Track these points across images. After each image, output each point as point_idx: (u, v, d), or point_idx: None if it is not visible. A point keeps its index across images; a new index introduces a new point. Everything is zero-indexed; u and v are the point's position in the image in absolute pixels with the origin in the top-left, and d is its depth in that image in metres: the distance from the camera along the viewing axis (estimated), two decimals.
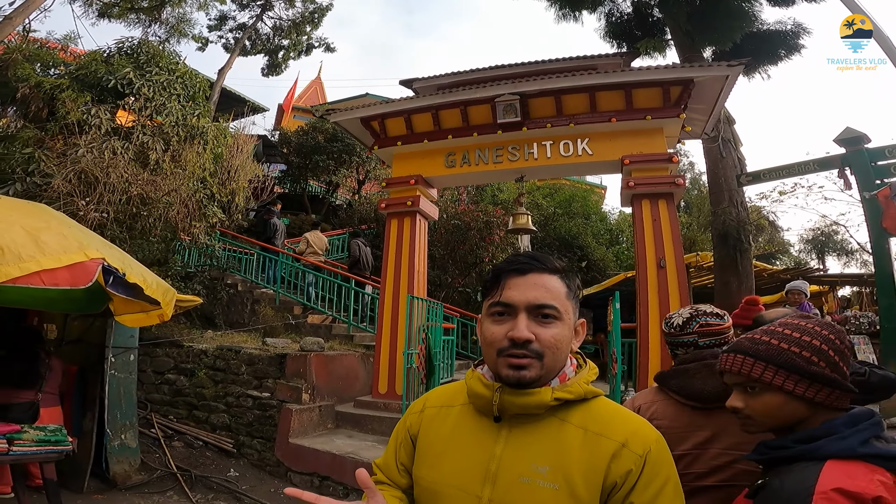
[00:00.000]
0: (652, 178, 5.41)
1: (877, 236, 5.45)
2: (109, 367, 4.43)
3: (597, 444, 0.91)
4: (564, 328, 0.95)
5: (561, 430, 0.94)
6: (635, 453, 0.90)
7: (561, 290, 0.97)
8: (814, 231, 20.36)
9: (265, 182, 11.13)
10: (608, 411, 0.97)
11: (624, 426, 0.94)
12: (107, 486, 4.32)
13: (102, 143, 5.93)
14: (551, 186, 14.42)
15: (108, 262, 3.12)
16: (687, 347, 1.68)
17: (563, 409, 0.96)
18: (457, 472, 0.96)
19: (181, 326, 6.66)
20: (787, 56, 8.42)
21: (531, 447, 0.93)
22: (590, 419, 0.95)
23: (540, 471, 0.90)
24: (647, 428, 0.95)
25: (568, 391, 0.95)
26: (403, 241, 6.24)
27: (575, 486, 0.88)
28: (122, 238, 5.82)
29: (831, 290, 10.22)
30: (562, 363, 0.97)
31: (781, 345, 1.11)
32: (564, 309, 0.96)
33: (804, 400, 1.08)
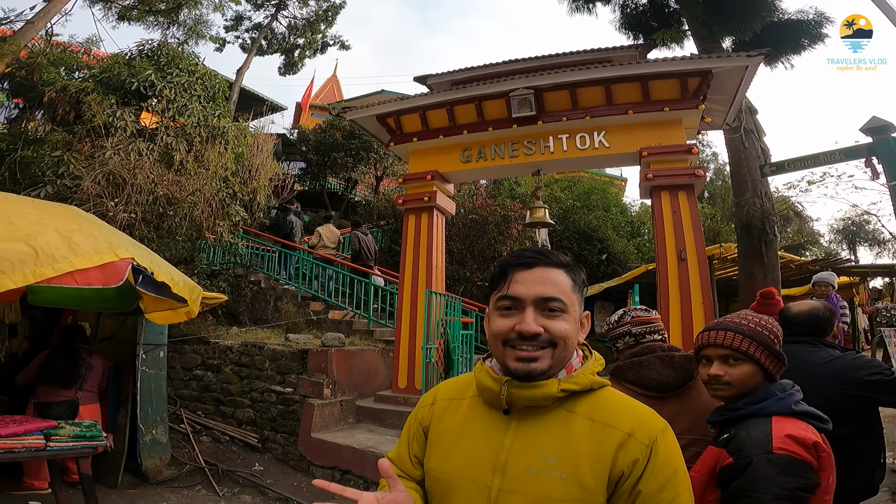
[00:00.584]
0: (671, 169, 5.34)
1: None
2: (141, 364, 4.55)
3: (603, 434, 0.92)
4: (571, 321, 0.97)
5: (568, 421, 0.95)
6: (641, 443, 0.91)
7: (566, 283, 0.98)
8: (844, 221, 19.77)
9: (285, 180, 11.29)
10: (615, 402, 0.98)
11: (630, 416, 0.94)
12: (139, 481, 4.44)
13: (128, 144, 6.09)
14: (569, 179, 14.28)
15: (137, 262, 3.23)
16: (624, 338, 1.94)
17: (571, 400, 0.97)
18: (467, 462, 0.97)
19: (207, 323, 6.82)
20: (810, 45, 8.18)
21: (539, 438, 0.95)
22: (596, 409, 0.96)
23: (548, 461, 0.92)
24: (654, 418, 0.95)
25: (574, 382, 0.96)
26: (421, 237, 6.29)
27: (582, 476, 0.90)
28: (150, 238, 5.95)
29: (862, 281, 9.93)
30: (569, 355, 0.99)
31: (756, 328, 1.48)
32: (570, 302, 0.97)
33: (764, 370, 1.46)
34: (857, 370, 1.96)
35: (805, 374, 2.05)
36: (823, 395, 1.97)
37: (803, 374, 2.05)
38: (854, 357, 2.04)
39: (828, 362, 2.02)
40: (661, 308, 5.16)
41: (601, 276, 11.16)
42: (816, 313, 2.16)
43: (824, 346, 2.11)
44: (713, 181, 18.12)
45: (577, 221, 11.96)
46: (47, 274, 2.82)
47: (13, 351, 4.84)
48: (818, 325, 2.14)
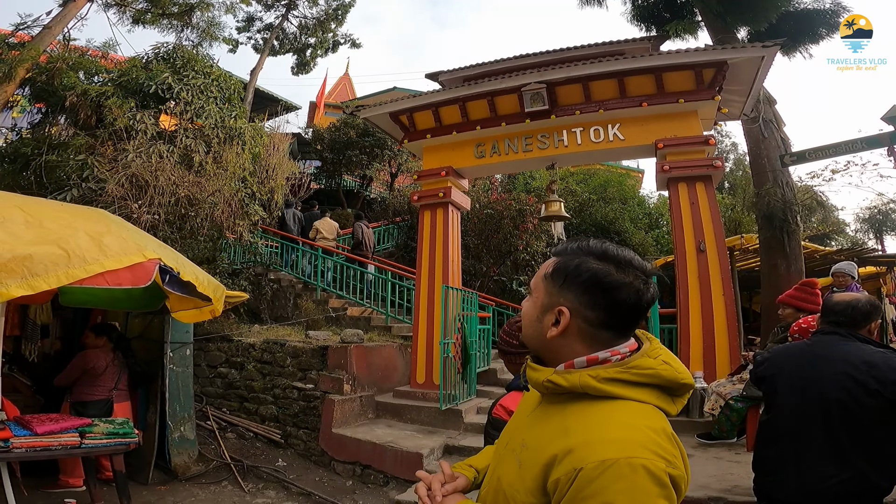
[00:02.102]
0: (688, 161, 5.29)
1: None
2: (168, 362, 4.64)
3: (555, 440, 0.85)
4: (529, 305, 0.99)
5: (551, 418, 0.92)
6: (570, 465, 0.79)
7: (542, 271, 0.98)
8: (870, 210, 19.22)
9: (301, 179, 11.42)
10: (592, 416, 0.86)
11: (587, 432, 0.83)
12: (169, 478, 4.52)
13: (149, 147, 6.21)
14: (585, 172, 14.16)
15: (164, 262, 3.33)
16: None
17: (571, 399, 0.90)
18: (513, 431, 1.05)
19: (230, 322, 6.94)
20: (828, 35, 8.01)
21: (532, 424, 0.97)
22: (578, 415, 0.87)
23: (522, 445, 0.94)
24: (610, 446, 0.79)
25: (563, 377, 0.89)
26: (437, 232, 6.33)
27: (527, 472, 0.87)
28: (173, 238, 6.08)
29: (889, 271, 9.65)
30: (532, 336, 0.97)
31: (503, 336, 1.82)
32: (535, 287, 0.99)
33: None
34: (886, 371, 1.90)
35: (830, 365, 2.03)
36: (844, 388, 1.95)
37: (828, 364, 2.03)
38: (885, 355, 1.98)
39: (853, 355, 1.98)
40: (679, 301, 5.13)
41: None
42: (855, 304, 2.13)
43: (856, 339, 2.07)
44: (733, 171, 17.77)
45: (594, 214, 11.88)
46: (79, 275, 2.92)
47: (45, 351, 5.00)
48: (853, 317, 2.11)
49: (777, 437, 2.11)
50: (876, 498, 1.96)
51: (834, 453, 1.92)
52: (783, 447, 2.06)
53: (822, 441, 1.95)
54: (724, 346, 4.93)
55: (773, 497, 2.10)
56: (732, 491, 3.07)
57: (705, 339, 4.92)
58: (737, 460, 3.70)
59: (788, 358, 2.21)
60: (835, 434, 1.93)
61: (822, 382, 2.00)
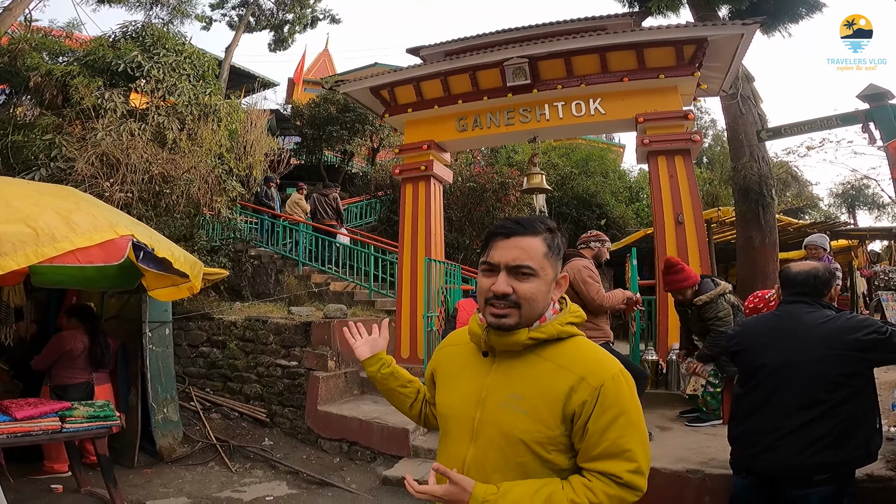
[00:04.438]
0: (667, 135, 5.33)
1: None
2: (147, 342, 4.56)
3: (560, 376, 1.08)
4: (540, 283, 1.12)
5: (537, 365, 1.12)
6: (591, 385, 1.05)
7: (540, 250, 1.12)
8: (844, 185, 19.68)
9: (281, 155, 11.24)
10: (578, 348, 1.14)
11: (586, 362, 1.10)
12: (155, 460, 4.48)
13: (119, 125, 6.07)
14: (567, 146, 14.18)
15: (137, 239, 3.25)
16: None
17: (542, 346, 1.13)
18: (460, 398, 1.18)
19: (210, 299, 6.85)
20: (808, 14, 8.09)
21: (511, 378, 1.13)
22: (560, 355, 1.12)
23: (515, 398, 1.10)
24: (607, 365, 1.09)
25: (542, 331, 1.12)
26: (419, 206, 6.31)
27: (540, 412, 1.07)
28: (148, 216, 5.96)
29: (861, 244, 9.95)
30: (539, 312, 1.13)
31: None
32: (541, 266, 1.11)
33: None
34: (852, 331, 1.98)
35: (802, 333, 2.09)
36: (820, 357, 2.01)
37: (801, 333, 2.09)
38: (849, 318, 2.07)
39: (823, 323, 2.06)
40: (658, 272, 5.22)
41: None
42: (816, 273, 2.19)
43: (821, 307, 2.14)
44: (712, 147, 17.98)
45: (576, 187, 11.96)
46: (49, 253, 2.84)
47: (21, 335, 4.88)
48: (816, 286, 2.17)
49: (753, 411, 2.15)
50: (849, 469, 2.04)
51: (809, 424, 1.97)
52: (759, 420, 2.11)
53: (797, 413, 2.00)
54: None
55: (750, 470, 2.16)
56: (709, 464, 3.15)
57: None
58: (713, 433, 3.78)
59: (759, 331, 2.24)
60: (810, 405, 1.98)
61: (795, 353, 2.05)
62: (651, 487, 1.11)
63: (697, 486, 3.06)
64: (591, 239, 4.07)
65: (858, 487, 2.53)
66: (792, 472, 2.00)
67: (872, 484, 2.63)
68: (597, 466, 1.06)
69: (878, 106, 5.35)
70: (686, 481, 3.08)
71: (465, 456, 1.13)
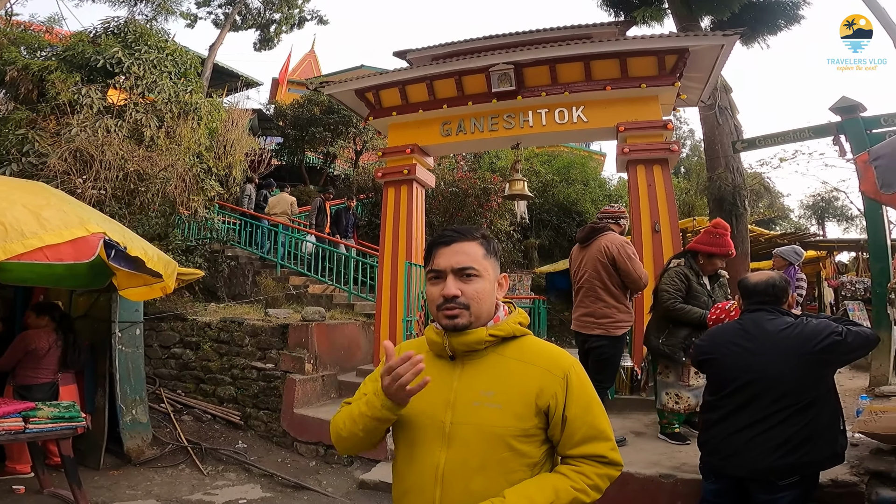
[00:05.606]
0: (647, 144, 5.43)
1: (868, 200, 5.46)
2: (117, 343, 4.46)
3: (526, 371, 1.17)
4: (485, 283, 1.19)
5: (500, 363, 1.19)
6: (557, 377, 1.16)
7: (479, 253, 1.20)
8: (814, 197, 20.31)
9: (262, 155, 11.13)
10: (535, 346, 1.23)
11: (545, 356, 1.20)
12: (122, 462, 4.40)
13: (95, 121, 5.98)
14: (549, 153, 14.34)
15: (109, 237, 3.17)
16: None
17: (501, 346, 1.21)
18: (427, 404, 1.18)
19: (184, 300, 6.74)
20: (786, 26, 8.32)
21: (478, 378, 1.18)
22: (522, 352, 1.20)
23: (486, 395, 1.15)
24: (564, 357, 1.21)
25: (500, 329, 1.20)
26: (401, 209, 6.29)
27: (514, 405, 1.13)
28: (121, 214, 5.86)
29: (829, 255, 10.28)
30: (487, 309, 1.20)
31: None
32: (483, 268, 1.19)
33: None
34: (813, 337, 2.07)
35: (766, 340, 2.17)
36: (785, 363, 2.08)
37: (765, 340, 2.17)
38: (808, 324, 2.15)
39: (784, 330, 2.14)
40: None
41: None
42: (773, 282, 2.30)
43: (780, 314, 2.24)
44: (689, 157, 18.40)
45: (557, 195, 12.09)
46: (17, 250, 2.75)
47: None
48: (775, 294, 2.28)
49: (722, 417, 2.21)
50: (815, 470, 2.12)
51: (777, 428, 2.03)
52: (727, 425, 2.16)
53: (764, 417, 2.06)
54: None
55: (720, 474, 2.22)
56: (681, 468, 3.19)
57: None
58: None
59: (726, 339, 2.32)
60: (777, 409, 2.05)
61: (760, 359, 2.12)
62: (626, 492, 1.15)
63: (670, 491, 3.10)
64: (620, 216, 3.91)
65: (823, 492, 2.60)
66: (760, 475, 2.05)
67: (837, 489, 2.70)
68: (581, 451, 1.15)
69: (849, 118, 5.53)
70: (659, 486, 3.12)
71: (437, 462, 1.13)
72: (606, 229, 3.74)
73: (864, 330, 2.11)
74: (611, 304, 3.65)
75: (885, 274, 5.09)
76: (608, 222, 3.83)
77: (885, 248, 5.31)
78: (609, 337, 3.64)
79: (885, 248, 5.31)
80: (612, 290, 3.65)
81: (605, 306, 3.65)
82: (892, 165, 1.99)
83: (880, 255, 5.33)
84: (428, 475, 1.13)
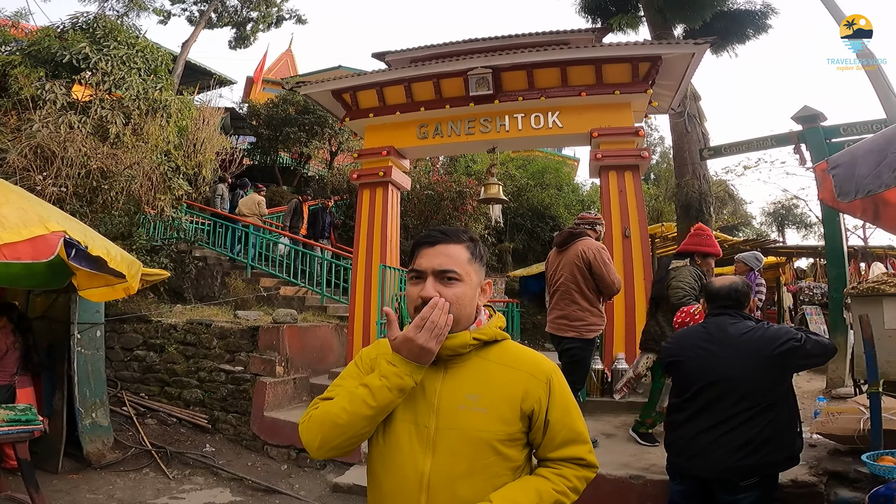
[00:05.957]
0: (619, 150, 5.54)
1: (826, 208, 5.69)
2: (76, 344, 4.35)
3: (510, 375, 1.16)
4: (466, 288, 1.16)
5: (484, 367, 1.17)
6: (541, 381, 1.16)
7: (463, 256, 1.17)
8: (775, 204, 21.06)
9: (233, 154, 10.90)
10: (517, 350, 1.23)
11: (527, 361, 1.19)
12: (82, 466, 4.30)
13: (58, 117, 5.82)
14: (524, 158, 14.51)
15: (69, 235, 3.05)
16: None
17: (483, 349, 1.19)
18: (408, 408, 1.14)
19: (149, 301, 6.56)
20: (754, 35, 8.59)
21: (463, 382, 1.15)
22: (504, 356, 1.19)
23: (472, 399, 1.13)
24: (545, 361, 1.21)
25: (482, 333, 1.18)
26: (376, 212, 6.26)
27: (499, 408, 1.12)
28: (83, 212, 5.69)
29: (788, 261, 10.67)
30: (467, 315, 1.17)
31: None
32: (465, 272, 1.16)
33: None
34: (773, 341, 2.14)
35: (729, 343, 2.23)
36: (746, 366, 2.15)
37: (727, 343, 2.24)
38: (768, 328, 2.23)
39: (746, 333, 2.21)
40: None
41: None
42: (736, 287, 2.38)
43: (742, 318, 2.31)
44: (659, 164, 18.88)
45: (531, 199, 12.23)
46: None
47: None
48: (738, 298, 2.36)
49: (686, 418, 2.25)
50: (774, 471, 2.19)
51: (738, 430, 2.09)
52: (692, 427, 2.21)
53: (727, 419, 2.11)
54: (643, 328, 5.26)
55: (685, 475, 2.27)
56: (650, 469, 3.26)
57: (627, 321, 5.22)
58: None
59: (690, 343, 2.37)
60: (738, 411, 2.10)
61: (724, 362, 2.18)
62: (598, 493, 1.17)
63: (640, 492, 3.16)
64: (596, 222, 4.02)
65: (784, 493, 2.70)
66: (723, 476, 2.11)
67: (797, 489, 2.79)
68: (562, 453, 1.17)
69: (810, 128, 5.76)
70: (630, 487, 3.17)
71: (422, 468, 1.09)
72: (584, 235, 3.85)
73: (823, 339, 2.20)
74: (585, 307, 3.74)
75: (841, 279, 5.31)
76: (585, 228, 3.93)
77: (841, 254, 5.54)
78: (582, 339, 3.74)
79: (841, 255, 5.54)
80: (587, 294, 3.75)
81: (579, 309, 3.74)
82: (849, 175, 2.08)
83: (837, 262, 5.55)
84: (411, 482, 1.09)
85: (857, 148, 2.26)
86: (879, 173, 1.88)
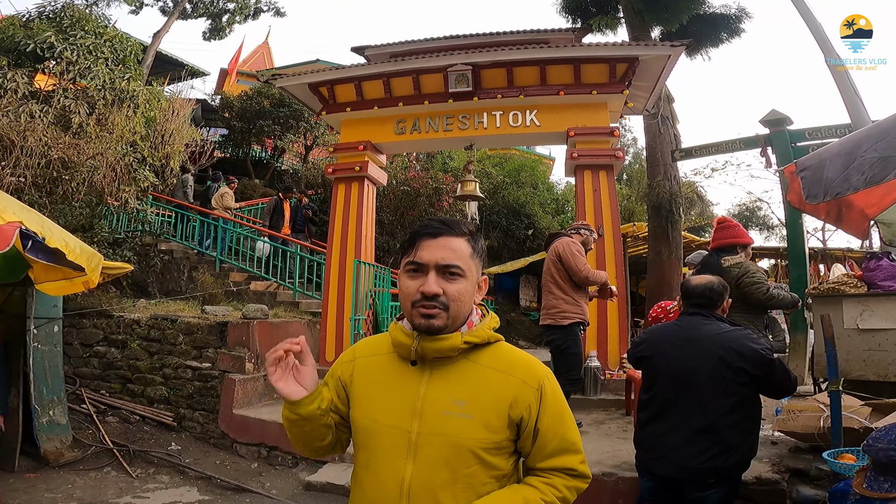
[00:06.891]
0: (594, 150, 5.61)
1: (790, 210, 5.89)
2: (32, 340, 4.17)
3: (500, 381, 1.09)
4: (468, 284, 1.10)
5: (473, 370, 1.11)
6: (532, 388, 1.09)
7: (466, 251, 1.11)
8: (740, 206, 21.72)
9: (204, 146, 10.61)
10: (508, 353, 1.16)
11: (519, 365, 1.13)
12: (40, 465, 4.14)
13: (19, 106, 5.67)
14: (501, 156, 14.55)
15: (25, 226, 2.89)
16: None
17: (474, 351, 1.12)
18: (389, 411, 1.10)
19: (110, 295, 6.33)
20: (728, 39, 8.79)
21: (450, 385, 1.09)
22: (495, 360, 1.13)
23: (458, 404, 1.07)
24: (539, 366, 1.15)
25: (475, 335, 1.11)
26: (351, 207, 6.18)
27: (486, 415, 1.06)
28: (42, 203, 5.48)
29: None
30: (465, 313, 1.12)
31: None
32: (468, 267, 1.10)
33: None
34: (743, 346, 2.16)
35: (700, 343, 2.24)
36: (715, 367, 2.17)
37: (699, 343, 2.25)
38: (741, 332, 2.24)
39: (717, 335, 2.21)
40: None
41: (527, 250, 11.58)
42: (711, 286, 2.37)
43: (715, 319, 2.31)
44: (632, 164, 19.19)
45: (507, 197, 12.28)
46: None
47: None
48: (711, 298, 2.35)
49: (655, 416, 2.26)
50: (738, 471, 2.20)
51: (705, 430, 2.10)
52: (660, 425, 2.22)
53: (694, 418, 2.13)
54: (615, 326, 5.34)
55: (652, 473, 2.27)
56: (621, 467, 3.30)
57: (599, 319, 5.29)
58: (625, 437, 3.95)
59: (662, 340, 2.37)
60: (706, 412, 2.12)
61: (693, 361, 2.19)
62: None
63: (612, 489, 3.20)
64: (580, 226, 4.38)
65: (748, 490, 2.75)
66: (689, 475, 2.12)
67: (761, 486, 2.85)
68: (552, 463, 1.11)
69: (776, 131, 5.94)
70: (602, 484, 3.20)
71: (402, 475, 1.05)
72: (562, 235, 4.19)
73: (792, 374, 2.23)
74: (559, 296, 4.03)
75: (802, 280, 5.50)
76: (570, 231, 4.30)
77: (803, 256, 5.74)
78: (558, 327, 3.99)
79: (803, 257, 5.74)
80: (561, 283, 4.05)
81: (553, 298, 4.05)
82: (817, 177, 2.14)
83: (798, 263, 5.75)
84: (391, 489, 1.05)
85: (825, 151, 2.32)
86: (847, 176, 1.94)
